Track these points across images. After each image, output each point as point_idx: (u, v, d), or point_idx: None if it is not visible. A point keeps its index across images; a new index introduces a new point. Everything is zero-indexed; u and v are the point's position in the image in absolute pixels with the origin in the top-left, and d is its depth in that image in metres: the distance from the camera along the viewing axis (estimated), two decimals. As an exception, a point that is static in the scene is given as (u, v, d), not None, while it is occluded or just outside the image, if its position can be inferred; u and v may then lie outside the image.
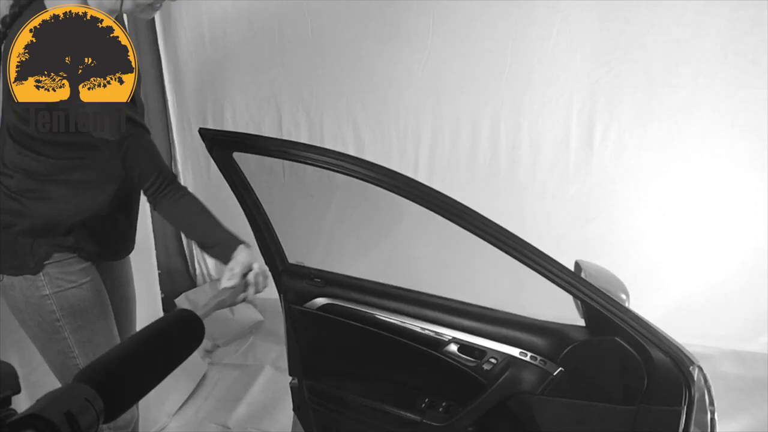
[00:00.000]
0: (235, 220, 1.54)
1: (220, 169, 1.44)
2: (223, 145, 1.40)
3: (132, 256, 1.72)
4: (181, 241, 3.35)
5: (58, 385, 1.52)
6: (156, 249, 2.65)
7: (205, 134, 1.40)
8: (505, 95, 2.71)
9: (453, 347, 1.49)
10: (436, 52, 2.71)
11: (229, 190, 1.48)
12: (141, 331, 0.81)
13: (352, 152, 1.29)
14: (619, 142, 2.70)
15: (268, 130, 2.99)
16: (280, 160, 1.46)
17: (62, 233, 1.42)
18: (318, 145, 1.58)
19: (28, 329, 1.49)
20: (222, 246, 1.37)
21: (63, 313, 1.44)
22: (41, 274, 1.41)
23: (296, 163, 1.36)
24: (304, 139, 2.93)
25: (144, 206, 2.53)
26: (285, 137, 2.94)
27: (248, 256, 1.34)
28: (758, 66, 2.45)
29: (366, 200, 2.48)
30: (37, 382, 1.73)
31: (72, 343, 1.46)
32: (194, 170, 3.22)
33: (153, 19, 2.88)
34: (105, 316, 1.53)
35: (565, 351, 1.37)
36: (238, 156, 1.43)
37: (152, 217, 2.65)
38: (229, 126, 3.04)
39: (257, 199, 1.51)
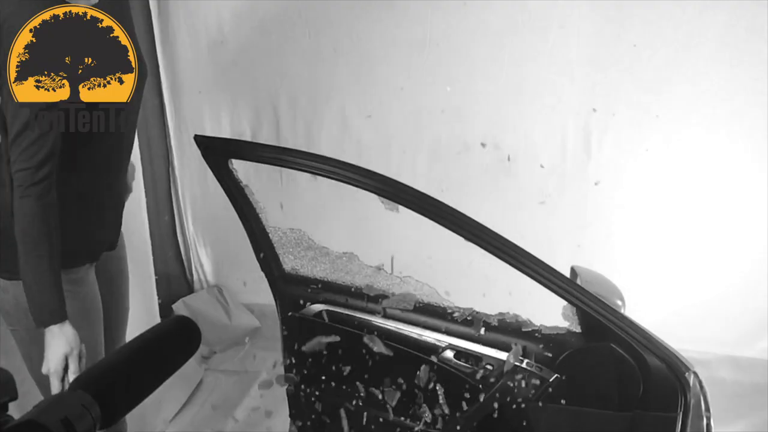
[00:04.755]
0: (231, 225, 1.55)
1: (215, 176, 1.44)
2: (218, 152, 1.40)
3: (129, 261, 1.72)
4: (179, 247, 3.34)
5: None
6: (153, 255, 2.65)
7: (201, 141, 1.40)
8: (501, 100, 2.72)
9: (449, 353, 1.49)
10: (435, 58, 2.72)
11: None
12: (138, 337, 0.82)
13: (349, 160, 1.29)
14: (616, 147, 2.71)
15: (265, 137, 2.99)
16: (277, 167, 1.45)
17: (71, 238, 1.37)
18: (315, 152, 1.58)
19: (15, 333, 1.47)
20: None
21: None
22: None
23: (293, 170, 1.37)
24: (301, 147, 2.93)
25: (142, 208, 2.55)
26: (282, 144, 2.94)
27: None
28: (755, 71, 2.46)
29: (362, 206, 2.48)
30: (31, 390, 1.72)
31: None
32: (192, 177, 3.21)
33: (151, 24, 2.89)
34: (94, 324, 1.50)
35: (561, 357, 1.37)
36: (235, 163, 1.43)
37: (149, 222, 2.65)
38: (227, 133, 3.03)
39: (253, 205, 1.52)
